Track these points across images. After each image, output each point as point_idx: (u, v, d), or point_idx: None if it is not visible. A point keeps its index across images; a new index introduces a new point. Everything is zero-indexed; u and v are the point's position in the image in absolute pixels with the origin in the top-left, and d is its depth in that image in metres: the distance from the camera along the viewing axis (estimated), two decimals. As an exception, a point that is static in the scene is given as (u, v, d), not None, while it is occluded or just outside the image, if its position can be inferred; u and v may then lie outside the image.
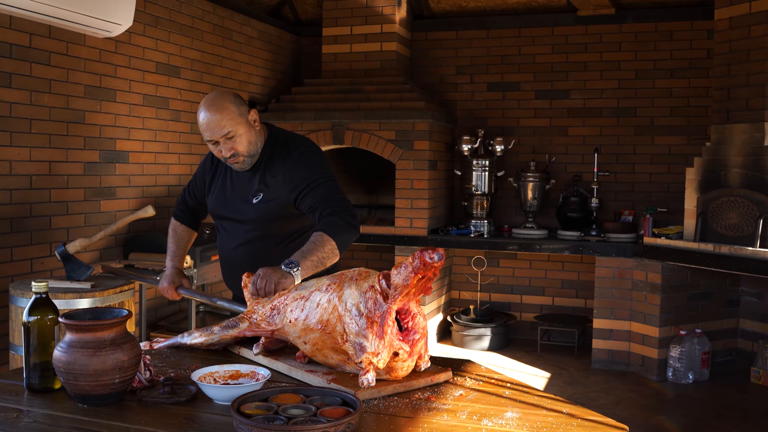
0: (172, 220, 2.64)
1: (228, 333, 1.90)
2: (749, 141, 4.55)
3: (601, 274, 5.08)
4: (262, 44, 5.84)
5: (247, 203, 2.31)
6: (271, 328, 1.80)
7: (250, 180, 2.32)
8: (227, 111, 2.18)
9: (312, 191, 2.20)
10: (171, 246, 2.59)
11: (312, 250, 2.00)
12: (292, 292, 1.80)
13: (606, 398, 4.45)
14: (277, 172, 2.27)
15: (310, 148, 2.34)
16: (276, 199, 2.26)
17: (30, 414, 1.49)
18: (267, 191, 2.28)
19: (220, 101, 2.20)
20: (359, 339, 1.57)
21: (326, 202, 2.16)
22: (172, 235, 2.61)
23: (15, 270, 3.68)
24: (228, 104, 2.19)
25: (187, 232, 2.63)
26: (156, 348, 2.00)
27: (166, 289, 2.46)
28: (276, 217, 2.29)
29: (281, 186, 2.25)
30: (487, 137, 5.75)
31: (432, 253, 1.51)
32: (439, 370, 1.72)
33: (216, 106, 2.19)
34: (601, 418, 1.48)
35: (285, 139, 2.35)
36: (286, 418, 1.33)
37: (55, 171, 3.89)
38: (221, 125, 2.17)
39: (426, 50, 6.16)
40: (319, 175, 2.24)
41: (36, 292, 1.62)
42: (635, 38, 5.66)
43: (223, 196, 2.39)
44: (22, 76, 3.66)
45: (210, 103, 2.20)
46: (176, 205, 2.65)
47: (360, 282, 1.63)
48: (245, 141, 2.22)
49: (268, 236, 2.31)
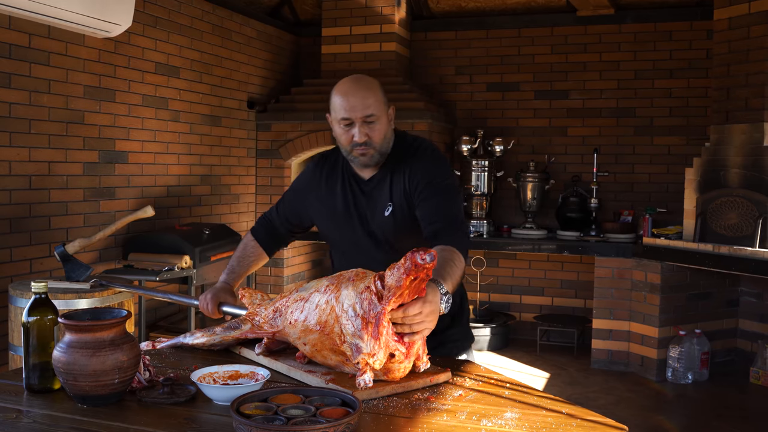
0: (248, 235, 2.30)
1: (230, 334, 1.91)
2: (748, 141, 4.55)
3: (601, 274, 5.08)
4: (261, 44, 5.84)
5: (374, 217, 2.04)
6: (273, 330, 1.81)
7: (376, 189, 2.06)
8: (376, 93, 1.98)
9: (432, 198, 1.96)
10: (233, 261, 2.25)
11: (456, 273, 1.75)
12: (293, 294, 1.80)
13: (605, 398, 4.45)
14: (401, 177, 2.02)
15: (437, 150, 2.11)
16: (407, 210, 2.01)
17: (29, 414, 1.49)
18: (397, 201, 2.02)
19: (369, 81, 2.01)
20: (355, 340, 1.57)
21: (448, 218, 1.93)
22: (240, 250, 2.27)
23: (14, 270, 3.68)
24: (377, 88, 2.00)
25: (256, 253, 2.27)
26: (158, 348, 2.00)
27: (208, 301, 2.10)
28: (410, 231, 2.02)
29: (408, 193, 2.01)
30: (487, 137, 5.76)
31: (424, 254, 1.47)
32: (438, 370, 1.72)
33: (365, 83, 2.00)
34: (600, 418, 1.48)
35: (412, 141, 2.11)
36: (285, 418, 1.33)
37: (54, 171, 3.89)
38: (366, 104, 1.96)
39: (425, 50, 6.16)
40: (443, 180, 2.00)
41: (35, 292, 1.62)
42: (635, 38, 5.66)
43: (341, 214, 2.10)
44: (22, 76, 3.66)
45: (358, 79, 2.01)
46: (258, 221, 2.33)
47: (357, 283, 1.63)
48: (382, 132, 2.00)
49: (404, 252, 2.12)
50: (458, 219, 1.96)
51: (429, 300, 1.58)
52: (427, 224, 1.95)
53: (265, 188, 5.81)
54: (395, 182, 2.03)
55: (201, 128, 5.09)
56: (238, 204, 5.61)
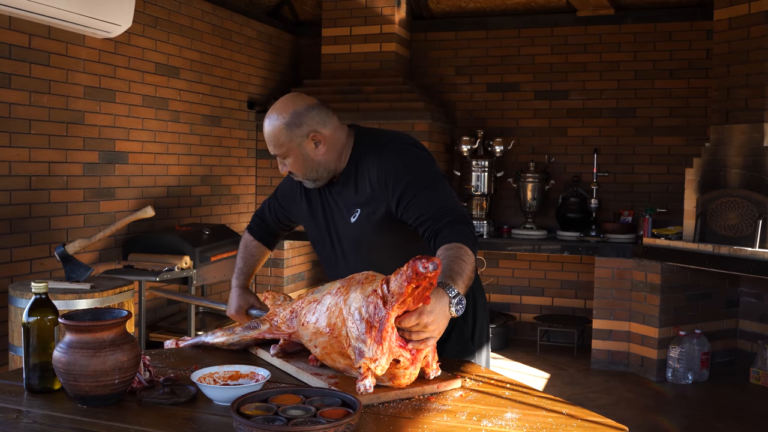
0: (245, 234, 2.33)
1: (249, 334, 1.93)
2: (748, 141, 4.55)
3: (601, 274, 5.08)
4: (261, 45, 5.84)
5: (344, 223, 2.00)
6: (289, 331, 1.81)
7: (341, 196, 2.00)
8: (279, 132, 1.89)
9: (416, 198, 1.84)
10: (239, 263, 2.27)
11: (466, 270, 1.65)
12: (308, 296, 1.80)
13: (605, 399, 4.45)
14: (365, 181, 1.93)
15: (403, 143, 1.96)
16: (376, 213, 1.93)
17: (29, 415, 1.49)
18: (364, 206, 1.95)
19: (276, 113, 1.90)
20: (359, 344, 1.55)
21: (442, 211, 1.81)
22: (242, 250, 2.29)
23: (14, 271, 3.68)
24: (279, 122, 1.89)
25: (259, 250, 2.30)
26: (182, 346, 2.04)
27: (233, 311, 2.16)
28: (384, 232, 1.95)
29: (377, 195, 1.91)
30: (487, 138, 5.76)
31: (426, 262, 1.40)
32: (447, 377, 1.67)
33: (271, 120, 1.91)
34: (600, 418, 1.48)
35: (371, 141, 1.97)
36: (285, 418, 1.33)
37: (54, 172, 3.89)
38: (272, 144, 1.92)
39: (425, 51, 6.16)
40: (420, 175, 1.87)
41: (35, 292, 1.62)
42: (634, 39, 5.66)
43: (316, 222, 2.07)
44: (22, 76, 3.66)
45: (268, 115, 1.92)
46: (252, 219, 2.34)
47: (365, 286, 1.61)
48: (298, 165, 1.93)
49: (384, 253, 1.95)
50: (454, 210, 1.82)
51: (428, 311, 1.51)
52: (423, 227, 1.83)
53: (265, 188, 5.81)
54: (361, 186, 1.94)
55: (201, 128, 5.09)
56: (238, 204, 5.61)
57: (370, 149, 1.94)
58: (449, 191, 1.89)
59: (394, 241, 1.95)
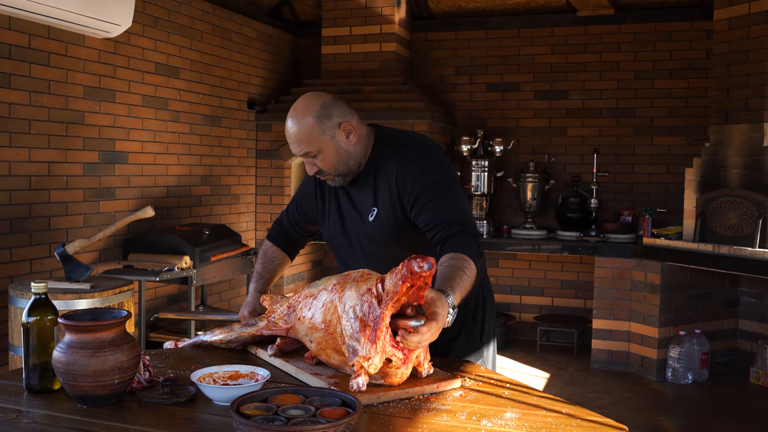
0: (265, 241, 2.32)
1: (247, 330, 1.93)
2: (748, 141, 4.55)
3: (601, 274, 5.08)
4: (261, 45, 5.84)
5: (361, 222, 2.01)
6: (287, 327, 1.82)
7: (360, 195, 2.01)
8: (308, 127, 1.88)
9: (431, 204, 1.87)
10: (258, 268, 2.26)
11: (465, 284, 1.68)
12: (305, 290, 1.81)
13: (605, 398, 4.45)
14: (384, 181, 1.95)
15: (422, 146, 1.98)
16: (393, 213, 1.95)
17: (29, 415, 1.49)
18: (381, 206, 1.97)
19: (302, 113, 1.89)
20: (352, 342, 1.56)
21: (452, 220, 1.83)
22: (261, 256, 2.28)
23: (14, 271, 3.68)
24: (309, 118, 1.88)
25: (279, 256, 2.29)
26: (181, 347, 2.04)
27: (245, 316, 2.13)
28: (400, 232, 1.96)
29: (394, 196, 1.94)
30: (487, 138, 5.76)
31: (421, 261, 1.41)
32: (446, 376, 1.68)
33: (298, 117, 1.89)
34: (600, 418, 1.48)
35: (390, 142, 1.99)
36: (285, 418, 1.33)
37: (54, 172, 3.89)
38: (300, 143, 1.90)
39: (425, 51, 6.16)
40: (436, 181, 1.90)
41: (35, 292, 1.62)
42: (634, 39, 5.66)
43: (333, 220, 2.08)
44: (21, 76, 3.66)
45: (293, 114, 1.91)
46: (272, 227, 2.35)
47: (360, 284, 1.62)
48: (329, 160, 1.93)
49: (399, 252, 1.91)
50: (465, 221, 1.85)
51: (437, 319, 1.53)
52: (432, 232, 1.86)
53: (265, 189, 5.81)
54: (380, 186, 1.97)
55: (201, 128, 5.09)
56: (238, 204, 5.61)
57: (390, 151, 1.97)
58: (463, 200, 1.92)
59: (409, 241, 1.96)
